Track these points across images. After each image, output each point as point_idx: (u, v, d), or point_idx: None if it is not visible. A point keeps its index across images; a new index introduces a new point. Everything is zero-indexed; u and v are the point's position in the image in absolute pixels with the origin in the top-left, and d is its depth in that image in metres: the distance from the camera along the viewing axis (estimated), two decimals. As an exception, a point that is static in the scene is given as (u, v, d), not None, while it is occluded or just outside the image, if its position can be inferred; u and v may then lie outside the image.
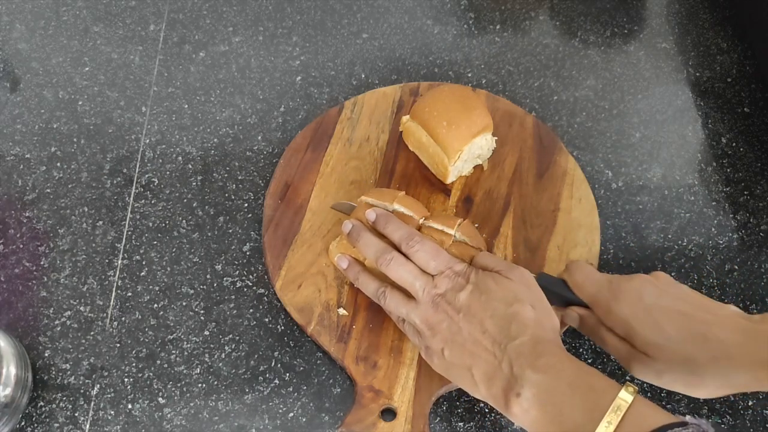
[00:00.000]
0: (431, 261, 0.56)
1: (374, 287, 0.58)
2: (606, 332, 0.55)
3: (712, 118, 0.77)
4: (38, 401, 0.60)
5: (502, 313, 0.52)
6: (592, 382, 0.48)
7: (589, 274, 0.57)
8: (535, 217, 0.67)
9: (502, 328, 0.51)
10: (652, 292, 0.53)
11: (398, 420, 0.57)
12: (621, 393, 0.45)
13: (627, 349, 0.53)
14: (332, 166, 0.70)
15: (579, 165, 0.72)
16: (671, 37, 0.84)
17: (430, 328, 0.54)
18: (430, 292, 0.55)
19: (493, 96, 0.75)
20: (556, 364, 0.49)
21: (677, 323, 0.51)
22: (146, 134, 0.74)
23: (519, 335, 0.50)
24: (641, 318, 0.52)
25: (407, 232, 0.58)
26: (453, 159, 0.66)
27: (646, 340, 0.52)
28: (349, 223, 0.61)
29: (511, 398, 0.48)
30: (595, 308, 0.56)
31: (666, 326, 0.51)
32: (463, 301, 0.53)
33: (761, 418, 0.60)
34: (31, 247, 0.67)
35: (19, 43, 0.81)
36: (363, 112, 0.74)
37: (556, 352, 0.50)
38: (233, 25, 0.83)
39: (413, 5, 0.85)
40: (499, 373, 0.50)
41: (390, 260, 0.57)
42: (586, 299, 0.56)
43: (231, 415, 0.59)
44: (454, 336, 0.53)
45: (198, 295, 0.65)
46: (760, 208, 0.71)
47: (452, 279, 0.55)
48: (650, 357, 0.52)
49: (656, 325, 0.52)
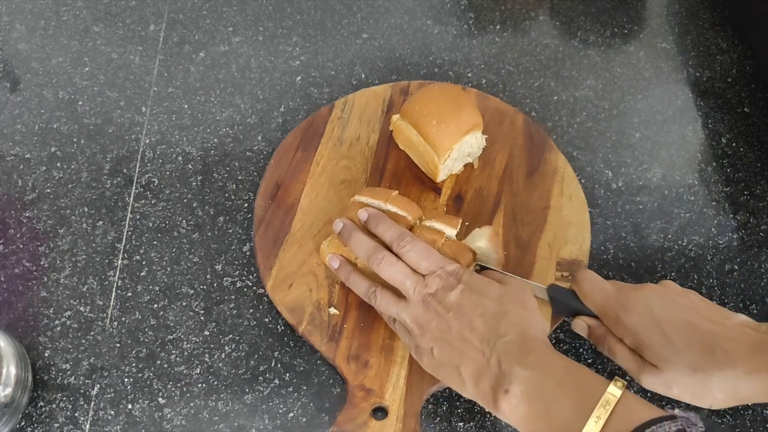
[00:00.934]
0: (422, 261, 0.56)
1: (365, 287, 0.59)
2: (615, 342, 0.55)
3: (712, 118, 0.77)
4: (38, 401, 0.60)
5: (491, 312, 0.52)
6: (580, 379, 0.48)
7: (597, 283, 0.57)
8: (526, 214, 0.67)
9: (491, 326, 0.51)
10: (661, 303, 0.53)
11: (390, 418, 0.57)
12: (609, 388, 0.45)
13: (636, 360, 0.53)
14: (323, 165, 0.70)
15: (579, 165, 0.72)
16: (671, 37, 0.84)
17: (419, 327, 0.54)
18: (420, 292, 0.55)
19: (483, 94, 0.75)
20: (545, 361, 0.49)
21: (686, 335, 0.51)
22: (146, 134, 0.74)
23: (507, 333, 0.51)
24: (650, 329, 0.52)
25: (398, 232, 0.58)
26: (443, 157, 0.66)
27: (655, 352, 0.52)
28: (340, 222, 0.61)
29: (500, 395, 0.48)
30: (603, 318, 0.56)
31: (675, 338, 0.51)
32: (453, 300, 0.53)
33: (761, 418, 0.60)
34: (31, 247, 0.67)
35: (19, 43, 0.81)
36: (353, 111, 0.74)
37: (544, 350, 0.50)
38: (233, 25, 0.83)
39: (413, 5, 0.85)
40: (488, 370, 0.50)
41: (381, 259, 0.57)
42: (594, 309, 0.56)
43: (231, 415, 0.60)
44: (443, 335, 0.53)
45: (198, 295, 0.65)
46: (760, 208, 0.71)
47: (443, 278, 0.55)
48: (659, 368, 0.52)
49: (665, 337, 0.52)
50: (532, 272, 0.64)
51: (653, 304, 0.53)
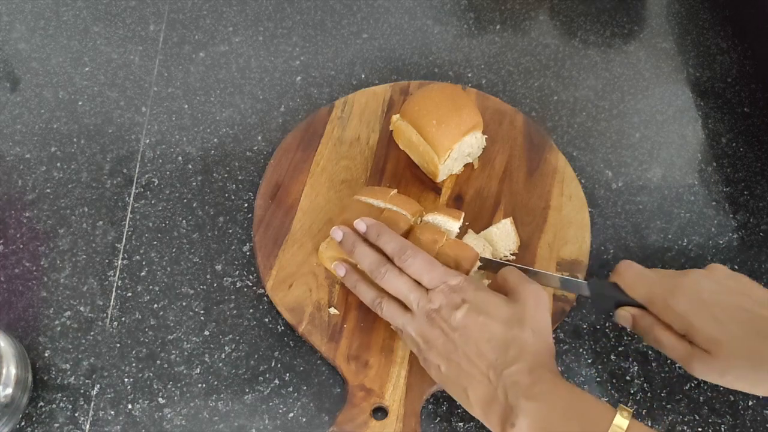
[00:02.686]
0: (425, 274, 0.55)
1: (371, 297, 0.58)
2: (662, 331, 0.53)
3: (712, 118, 0.77)
4: (38, 401, 0.60)
5: (500, 337, 0.51)
6: (586, 409, 0.47)
7: (640, 272, 0.55)
8: (526, 214, 0.67)
9: (498, 354, 0.50)
10: (710, 287, 0.52)
11: (390, 418, 0.57)
12: (616, 419, 0.45)
13: (686, 347, 0.52)
14: (323, 165, 0.70)
15: (579, 165, 0.72)
16: (671, 37, 0.84)
17: (425, 341, 0.54)
18: (424, 307, 0.54)
19: (483, 94, 0.75)
20: (550, 390, 0.48)
21: (739, 320, 0.50)
22: (146, 134, 0.74)
23: (516, 361, 0.50)
24: (701, 314, 0.51)
25: (400, 245, 0.57)
26: (443, 157, 0.66)
27: (708, 336, 0.50)
28: (339, 231, 0.60)
29: (507, 428, 0.48)
30: (650, 306, 0.54)
31: (727, 323, 0.50)
32: (459, 321, 0.52)
33: (761, 418, 0.60)
34: (31, 247, 0.67)
35: (19, 43, 0.81)
36: (353, 111, 0.74)
37: (550, 378, 0.49)
38: (233, 25, 0.83)
39: (413, 5, 0.85)
40: (495, 400, 0.49)
41: (384, 273, 0.56)
42: (640, 298, 0.55)
43: (231, 415, 0.59)
44: (449, 354, 0.52)
45: (198, 295, 0.65)
46: (760, 208, 0.71)
47: (447, 295, 0.54)
48: (712, 355, 0.50)
49: (717, 321, 0.50)
50: (532, 272, 0.64)
51: (703, 288, 0.52)
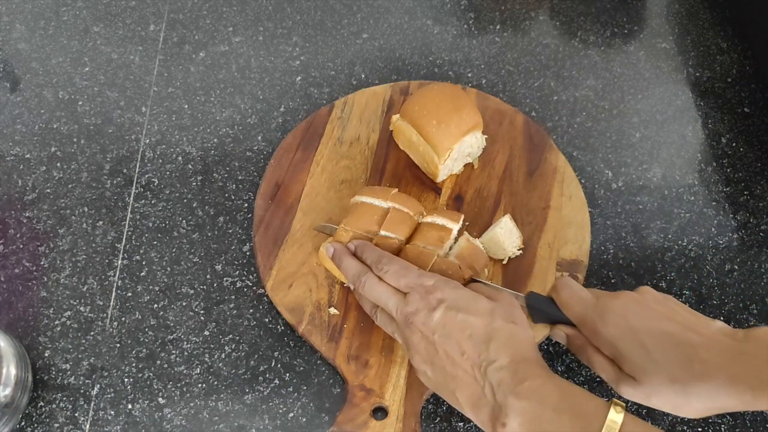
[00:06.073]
0: (401, 279, 0.55)
1: (369, 306, 0.59)
2: (593, 353, 0.55)
3: (712, 118, 0.77)
4: (38, 401, 0.60)
5: (480, 333, 0.51)
6: (578, 404, 0.47)
7: (576, 291, 0.56)
8: (526, 215, 0.67)
9: (481, 349, 0.50)
10: (638, 312, 0.53)
11: (390, 418, 0.57)
12: (610, 414, 0.45)
13: (615, 371, 0.53)
14: (323, 165, 0.70)
15: (579, 165, 0.72)
16: (671, 37, 0.84)
17: (409, 347, 0.54)
18: (402, 311, 0.54)
19: (483, 94, 0.75)
20: (540, 387, 0.48)
21: (663, 346, 0.51)
22: (146, 134, 0.74)
23: (498, 357, 0.49)
24: (628, 341, 0.52)
25: (377, 255, 0.57)
26: (443, 157, 0.66)
27: (633, 364, 0.51)
28: (330, 246, 0.60)
29: (498, 428, 0.48)
30: (582, 328, 0.55)
31: (652, 349, 0.51)
32: (437, 321, 0.52)
33: (761, 418, 0.60)
34: (31, 247, 0.67)
35: (19, 43, 0.81)
36: (353, 111, 0.74)
37: (538, 374, 0.49)
38: (233, 25, 0.83)
39: (413, 5, 0.85)
40: (483, 399, 0.49)
41: (365, 282, 0.57)
42: (573, 319, 0.56)
43: (231, 415, 0.60)
44: (432, 357, 0.52)
45: (198, 295, 0.65)
46: (760, 208, 0.71)
47: (423, 297, 0.53)
48: (637, 381, 0.51)
49: (643, 348, 0.51)
50: (532, 272, 0.64)
51: (630, 314, 0.53)
